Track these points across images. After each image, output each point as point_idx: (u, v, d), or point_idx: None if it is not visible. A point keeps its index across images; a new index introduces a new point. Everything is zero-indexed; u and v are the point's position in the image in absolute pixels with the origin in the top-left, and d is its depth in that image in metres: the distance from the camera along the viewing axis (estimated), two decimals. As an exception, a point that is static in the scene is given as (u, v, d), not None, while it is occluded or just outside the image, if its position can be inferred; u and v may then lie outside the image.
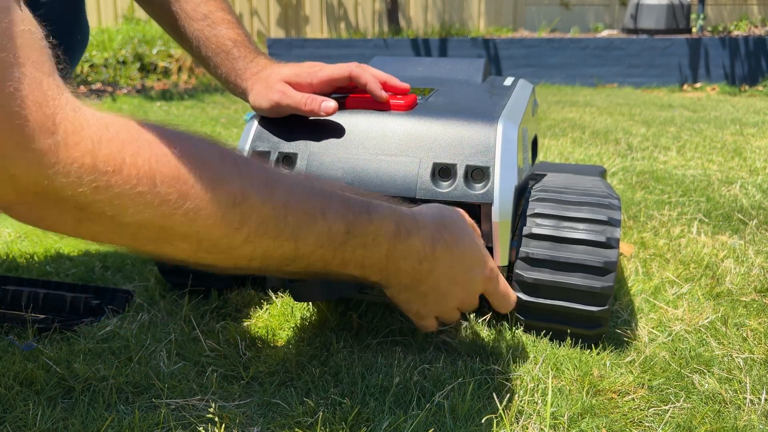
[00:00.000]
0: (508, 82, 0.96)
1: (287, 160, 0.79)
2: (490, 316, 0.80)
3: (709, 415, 0.62)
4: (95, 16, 4.82)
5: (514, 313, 0.76)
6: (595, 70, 4.36)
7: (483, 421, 0.59)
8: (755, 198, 1.41)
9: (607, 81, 4.33)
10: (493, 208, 0.73)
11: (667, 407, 0.64)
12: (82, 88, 3.66)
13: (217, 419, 0.60)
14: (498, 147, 0.75)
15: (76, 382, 0.65)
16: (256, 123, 0.83)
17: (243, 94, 0.85)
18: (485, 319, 0.80)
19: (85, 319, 0.80)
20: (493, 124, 0.76)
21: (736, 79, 4.18)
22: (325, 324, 0.79)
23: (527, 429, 0.60)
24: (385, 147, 0.77)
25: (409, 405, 0.62)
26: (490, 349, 0.73)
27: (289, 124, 0.81)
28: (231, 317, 0.82)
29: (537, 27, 5.16)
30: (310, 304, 0.84)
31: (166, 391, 0.64)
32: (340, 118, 0.80)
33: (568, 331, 0.74)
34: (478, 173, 0.74)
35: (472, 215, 0.78)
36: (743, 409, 0.63)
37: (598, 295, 0.72)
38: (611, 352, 0.74)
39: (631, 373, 0.70)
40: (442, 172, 0.75)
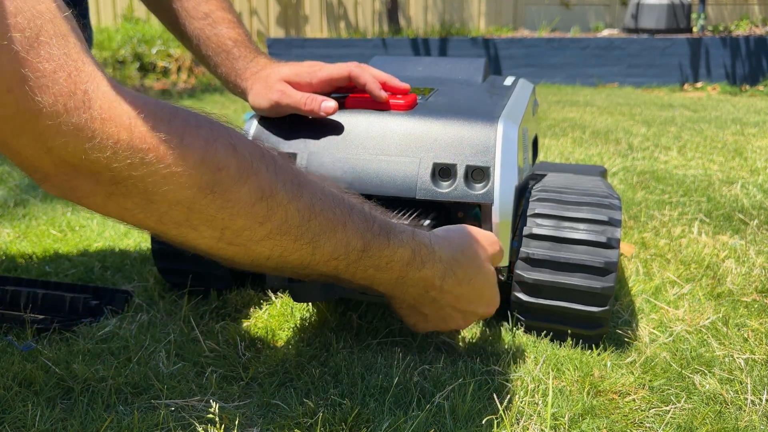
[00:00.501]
0: (509, 81, 0.96)
1: (287, 160, 0.79)
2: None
3: (710, 416, 0.62)
4: (95, 16, 4.82)
5: (515, 313, 0.76)
6: (595, 69, 4.35)
7: (483, 421, 0.59)
8: (756, 198, 1.41)
9: (607, 81, 4.33)
10: (493, 208, 0.73)
11: (668, 408, 0.63)
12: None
13: (217, 420, 0.60)
14: (498, 147, 0.74)
15: (75, 383, 0.65)
16: (255, 123, 0.83)
17: (243, 94, 0.85)
18: (485, 319, 0.80)
19: (84, 319, 0.80)
20: (494, 124, 0.76)
21: (736, 79, 4.17)
22: (325, 324, 0.79)
23: (528, 430, 0.59)
24: (385, 147, 0.77)
25: (409, 406, 0.61)
26: (490, 349, 0.73)
27: (288, 123, 0.81)
28: (230, 318, 0.81)
29: (537, 27, 5.16)
30: (310, 304, 0.84)
31: (165, 391, 0.64)
32: (339, 117, 0.80)
33: (569, 331, 0.74)
34: (478, 173, 0.74)
35: (474, 216, 0.78)
36: (744, 410, 0.63)
37: (598, 295, 0.71)
38: (612, 352, 0.74)
39: (632, 373, 0.69)
40: (442, 172, 0.75)
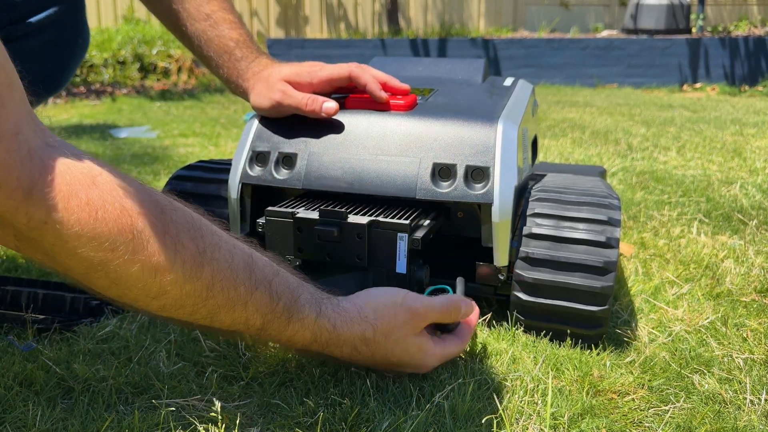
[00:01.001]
0: (508, 82, 0.96)
1: (287, 160, 0.79)
2: (490, 316, 0.80)
3: (709, 416, 0.62)
4: (95, 16, 4.82)
5: (515, 313, 0.76)
6: (594, 70, 4.36)
7: (483, 421, 0.59)
8: (755, 198, 1.41)
9: (607, 81, 4.33)
10: (493, 208, 0.73)
11: (667, 407, 0.64)
12: (82, 88, 3.66)
13: (217, 420, 0.60)
14: (498, 147, 0.74)
15: (76, 383, 0.65)
16: (256, 123, 0.83)
17: (244, 94, 0.85)
18: (485, 319, 0.80)
19: (84, 319, 0.80)
20: (493, 125, 0.76)
21: (735, 80, 4.18)
22: (325, 324, 0.79)
23: (527, 429, 0.60)
24: (385, 147, 0.77)
25: (408, 405, 0.62)
26: (490, 349, 0.73)
27: (289, 124, 0.81)
28: (231, 317, 0.81)
29: (537, 27, 5.16)
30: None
31: (165, 391, 0.64)
32: (340, 118, 0.80)
33: (568, 331, 0.74)
34: (478, 173, 0.74)
35: (472, 216, 0.78)
36: (743, 410, 0.63)
37: (598, 294, 0.71)
38: (611, 352, 0.74)
39: (631, 373, 0.69)
40: (442, 172, 0.75)
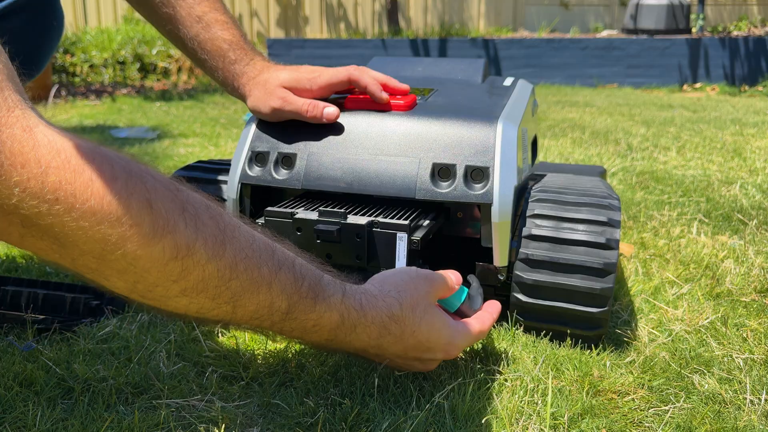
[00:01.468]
0: (508, 82, 0.96)
1: (286, 161, 0.79)
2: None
3: (709, 416, 0.62)
4: (95, 16, 4.82)
5: (514, 314, 0.76)
6: (594, 70, 4.36)
7: (483, 421, 0.59)
8: (755, 198, 1.41)
9: (606, 81, 4.33)
10: (492, 208, 0.73)
11: (667, 408, 0.64)
12: (82, 89, 3.66)
13: (217, 420, 0.60)
14: (498, 147, 0.74)
15: (76, 383, 0.65)
16: (255, 123, 0.83)
17: (241, 98, 0.85)
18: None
19: (84, 319, 0.80)
20: (493, 125, 0.76)
21: (735, 80, 4.18)
22: (325, 324, 0.79)
23: (527, 429, 0.60)
24: (385, 147, 0.77)
25: (408, 405, 0.62)
26: (490, 349, 0.73)
27: (288, 124, 0.81)
28: (231, 318, 0.81)
29: (537, 27, 5.16)
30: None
31: (165, 391, 0.64)
32: (339, 118, 0.80)
33: (568, 332, 0.74)
34: (477, 173, 0.74)
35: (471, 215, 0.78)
36: (743, 410, 0.63)
37: (597, 296, 0.71)
38: (611, 352, 0.74)
39: (631, 373, 0.70)
40: (442, 172, 0.75)
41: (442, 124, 0.77)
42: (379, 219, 0.72)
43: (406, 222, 0.71)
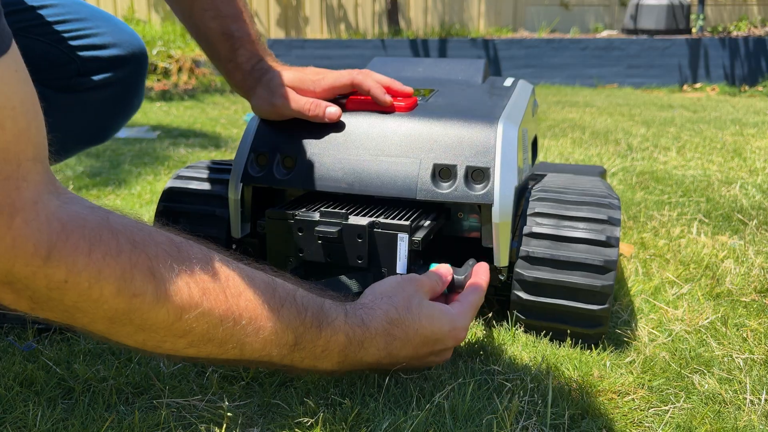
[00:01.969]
0: (508, 82, 0.96)
1: (288, 161, 0.79)
2: (490, 316, 0.80)
3: (709, 416, 0.62)
4: (95, 16, 4.81)
5: (515, 312, 0.77)
6: (594, 70, 4.36)
7: (483, 421, 0.59)
8: (755, 198, 1.41)
9: (607, 81, 4.34)
10: (493, 208, 0.73)
11: (667, 408, 0.64)
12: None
13: (218, 420, 0.60)
14: (498, 148, 0.75)
15: (76, 383, 0.65)
16: (256, 124, 0.83)
17: (246, 96, 0.85)
18: (485, 319, 0.80)
19: (85, 319, 0.80)
20: (493, 125, 0.76)
21: (735, 80, 4.18)
22: (326, 324, 0.79)
23: (527, 429, 0.60)
24: (386, 148, 0.77)
25: (408, 405, 0.62)
26: (490, 349, 0.73)
27: (289, 125, 0.81)
28: (231, 318, 0.81)
29: (537, 27, 5.16)
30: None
31: (166, 391, 0.64)
32: (340, 119, 0.80)
33: (568, 330, 0.74)
34: (478, 174, 0.74)
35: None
36: (743, 410, 0.63)
37: (598, 293, 0.72)
38: (611, 352, 0.74)
39: (631, 373, 0.70)
40: (443, 173, 0.75)
41: (442, 124, 0.77)
42: (380, 219, 0.72)
43: (407, 222, 0.71)
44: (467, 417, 0.60)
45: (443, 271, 0.71)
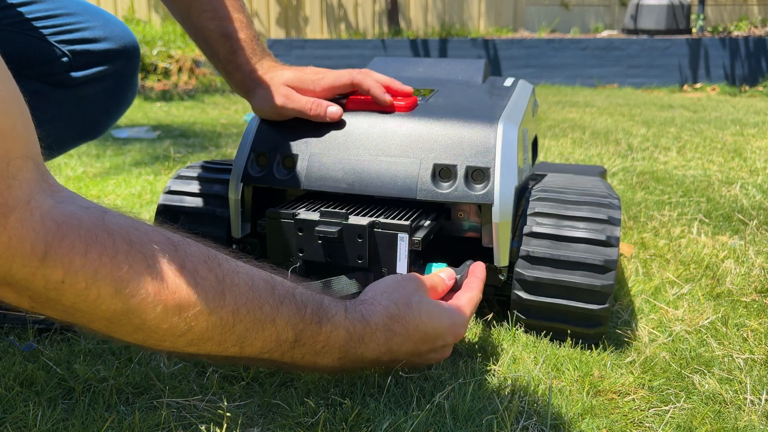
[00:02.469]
0: (508, 82, 0.96)
1: (288, 161, 0.79)
2: (490, 316, 0.80)
3: (710, 416, 0.62)
4: (95, 16, 4.81)
5: (515, 312, 0.77)
6: (595, 70, 4.36)
7: (483, 421, 0.59)
8: (755, 198, 1.41)
9: (607, 81, 4.34)
10: (493, 208, 0.73)
11: (667, 408, 0.64)
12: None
13: (218, 420, 0.60)
14: (498, 148, 0.75)
15: (77, 383, 0.65)
16: (257, 124, 0.83)
17: (246, 96, 0.85)
18: (485, 319, 0.80)
19: (85, 319, 0.80)
20: (494, 125, 0.76)
21: (736, 80, 4.18)
22: (326, 324, 0.79)
23: (527, 429, 0.60)
24: (386, 148, 0.77)
25: (409, 405, 0.62)
26: (490, 349, 0.73)
27: (290, 125, 0.82)
28: (231, 318, 0.81)
29: (537, 27, 5.16)
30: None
31: (166, 391, 0.64)
32: (340, 119, 0.80)
33: (569, 330, 0.74)
34: (478, 174, 0.74)
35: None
36: (744, 410, 0.63)
37: (598, 293, 0.72)
38: (612, 352, 0.74)
39: (632, 373, 0.70)
40: (443, 173, 0.75)
41: (442, 124, 0.77)
42: (381, 219, 0.72)
43: (407, 222, 0.71)
44: (467, 417, 0.60)
45: (447, 274, 0.71)
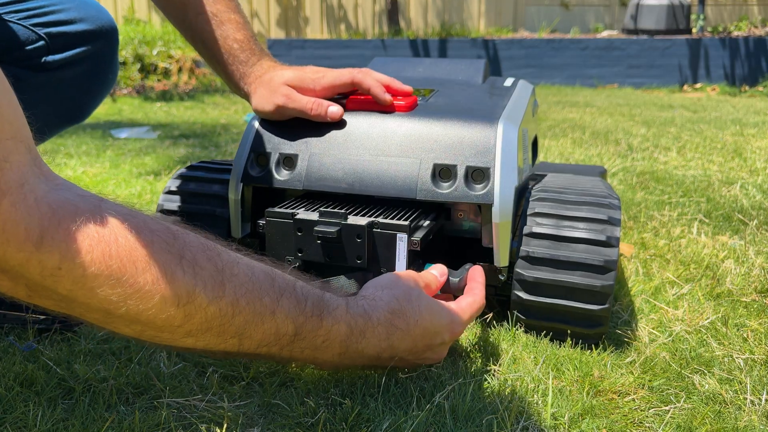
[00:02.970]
0: (508, 83, 0.96)
1: (288, 161, 0.79)
2: (490, 316, 0.80)
3: (710, 416, 0.62)
4: (95, 17, 4.81)
5: (515, 312, 0.77)
6: (595, 70, 4.36)
7: (483, 421, 0.59)
8: (755, 198, 1.41)
9: (607, 81, 4.34)
10: (493, 208, 0.73)
11: (667, 408, 0.64)
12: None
13: (218, 420, 0.60)
14: (498, 148, 0.75)
15: (77, 383, 0.65)
16: (257, 124, 0.83)
17: (246, 96, 0.85)
18: (485, 319, 0.80)
19: (85, 319, 0.80)
20: (494, 125, 0.76)
21: (736, 80, 4.18)
22: (326, 325, 0.79)
23: (528, 430, 0.60)
24: (386, 148, 0.77)
25: (409, 405, 0.62)
26: (490, 349, 0.73)
27: (289, 125, 0.82)
28: (231, 318, 0.81)
29: (537, 27, 5.16)
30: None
31: (166, 391, 0.64)
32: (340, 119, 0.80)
33: (569, 330, 0.74)
34: (478, 174, 0.74)
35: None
36: (744, 410, 0.63)
37: (598, 293, 0.72)
38: (612, 352, 0.74)
39: (632, 373, 0.70)
40: (443, 173, 0.75)
41: (442, 124, 0.77)
42: (380, 219, 0.72)
43: (406, 222, 0.71)
44: (467, 417, 0.60)
45: (439, 270, 0.71)
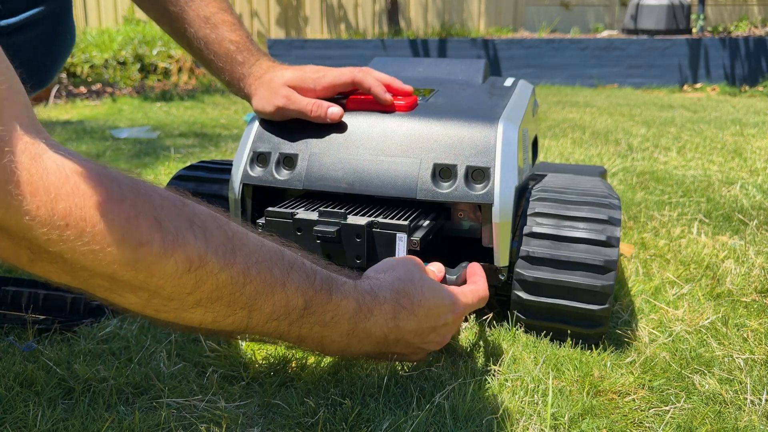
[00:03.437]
0: (509, 82, 0.96)
1: (288, 161, 0.79)
2: (490, 316, 0.80)
3: (710, 416, 0.62)
4: (95, 16, 4.82)
5: (515, 312, 0.76)
6: (595, 70, 4.36)
7: (483, 421, 0.59)
8: (755, 198, 1.41)
9: (607, 81, 4.34)
10: (493, 208, 0.73)
11: (667, 408, 0.64)
12: (83, 89, 3.67)
13: (218, 420, 0.60)
14: (498, 148, 0.75)
15: (77, 383, 0.65)
16: (257, 124, 0.83)
17: (246, 98, 0.85)
18: (485, 319, 0.80)
19: (85, 319, 0.80)
20: (494, 125, 0.76)
21: (736, 80, 4.18)
22: (326, 324, 0.79)
23: (527, 430, 0.60)
24: (386, 148, 0.77)
25: (409, 405, 0.62)
26: (490, 349, 0.73)
27: (289, 125, 0.82)
28: (231, 318, 0.81)
29: (537, 27, 5.16)
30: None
31: (166, 391, 0.64)
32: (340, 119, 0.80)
33: (569, 330, 0.74)
34: (478, 174, 0.74)
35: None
36: (744, 410, 0.63)
37: (598, 293, 0.72)
38: (612, 352, 0.74)
39: (632, 373, 0.70)
40: (443, 172, 0.75)
41: (443, 124, 0.77)
42: (379, 219, 0.72)
43: (406, 222, 0.71)
44: (467, 417, 0.60)
45: (436, 268, 0.71)
